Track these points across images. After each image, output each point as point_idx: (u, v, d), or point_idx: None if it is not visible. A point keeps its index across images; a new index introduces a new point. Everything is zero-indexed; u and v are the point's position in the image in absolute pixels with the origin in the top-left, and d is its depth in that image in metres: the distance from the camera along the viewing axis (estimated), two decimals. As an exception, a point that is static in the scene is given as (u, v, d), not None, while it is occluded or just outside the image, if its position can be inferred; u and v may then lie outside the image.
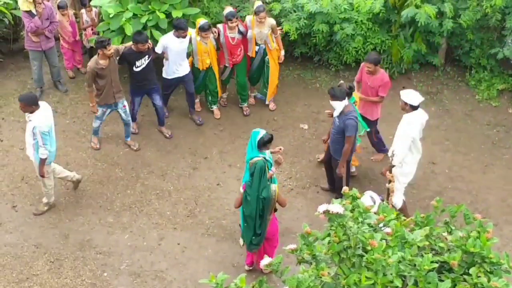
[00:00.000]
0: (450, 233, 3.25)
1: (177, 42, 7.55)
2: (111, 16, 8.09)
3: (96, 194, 7.25)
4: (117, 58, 7.28)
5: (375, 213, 3.20)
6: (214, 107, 8.45)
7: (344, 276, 2.98)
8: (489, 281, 2.89)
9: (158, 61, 8.03)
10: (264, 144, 6.01)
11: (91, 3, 8.60)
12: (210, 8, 8.95)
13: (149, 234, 6.78)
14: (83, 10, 8.83)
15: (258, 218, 5.75)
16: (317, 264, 3.07)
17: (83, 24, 8.86)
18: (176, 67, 7.78)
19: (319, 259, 3.08)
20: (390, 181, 6.49)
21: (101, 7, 8.37)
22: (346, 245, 2.99)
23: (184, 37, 7.55)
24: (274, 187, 5.73)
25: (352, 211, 3.15)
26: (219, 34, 7.91)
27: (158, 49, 7.60)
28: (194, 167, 7.69)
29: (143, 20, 7.96)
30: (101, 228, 6.82)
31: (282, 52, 8.28)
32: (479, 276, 2.92)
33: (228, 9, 8.01)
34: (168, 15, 8.10)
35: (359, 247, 2.99)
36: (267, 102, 8.62)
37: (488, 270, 2.96)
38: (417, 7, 8.21)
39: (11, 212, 6.97)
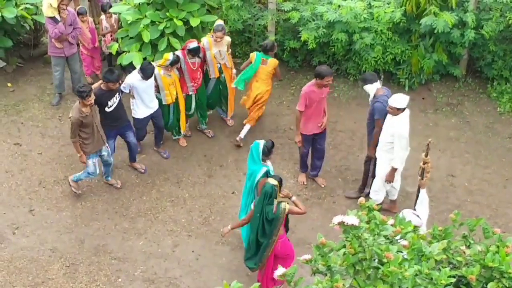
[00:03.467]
0: (468, 247, 3.18)
1: (142, 80, 7.27)
2: (129, 22, 8.16)
3: (112, 199, 7.28)
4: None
5: (391, 225, 3.14)
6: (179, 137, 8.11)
7: (359, 288, 2.92)
8: (508, 297, 2.82)
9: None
10: (269, 151, 6.11)
11: (111, 10, 8.70)
12: (229, 15, 8.97)
13: (164, 240, 6.78)
14: (103, 17, 8.93)
15: (259, 237, 5.74)
16: (331, 275, 3.02)
17: (102, 30, 8.96)
18: (146, 104, 7.44)
19: (334, 271, 3.03)
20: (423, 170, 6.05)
21: (120, 13, 8.45)
22: (362, 257, 2.94)
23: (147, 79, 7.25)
24: (284, 205, 5.65)
25: (368, 222, 3.09)
26: (180, 62, 7.62)
27: (125, 89, 7.32)
28: (209, 175, 7.69)
29: (161, 27, 8.02)
30: (116, 234, 6.84)
31: (234, 71, 8.06)
32: (498, 292, 2.85)
33: (192, 44, 7.60)
34: (186, 22, 8.14)
35: (374, 259, 2.93)
36: (228, 117, 8.43)
37: (507, 285, 2.89)
38: (436, 15, 8.13)
39: (28, 216, 7.03)
